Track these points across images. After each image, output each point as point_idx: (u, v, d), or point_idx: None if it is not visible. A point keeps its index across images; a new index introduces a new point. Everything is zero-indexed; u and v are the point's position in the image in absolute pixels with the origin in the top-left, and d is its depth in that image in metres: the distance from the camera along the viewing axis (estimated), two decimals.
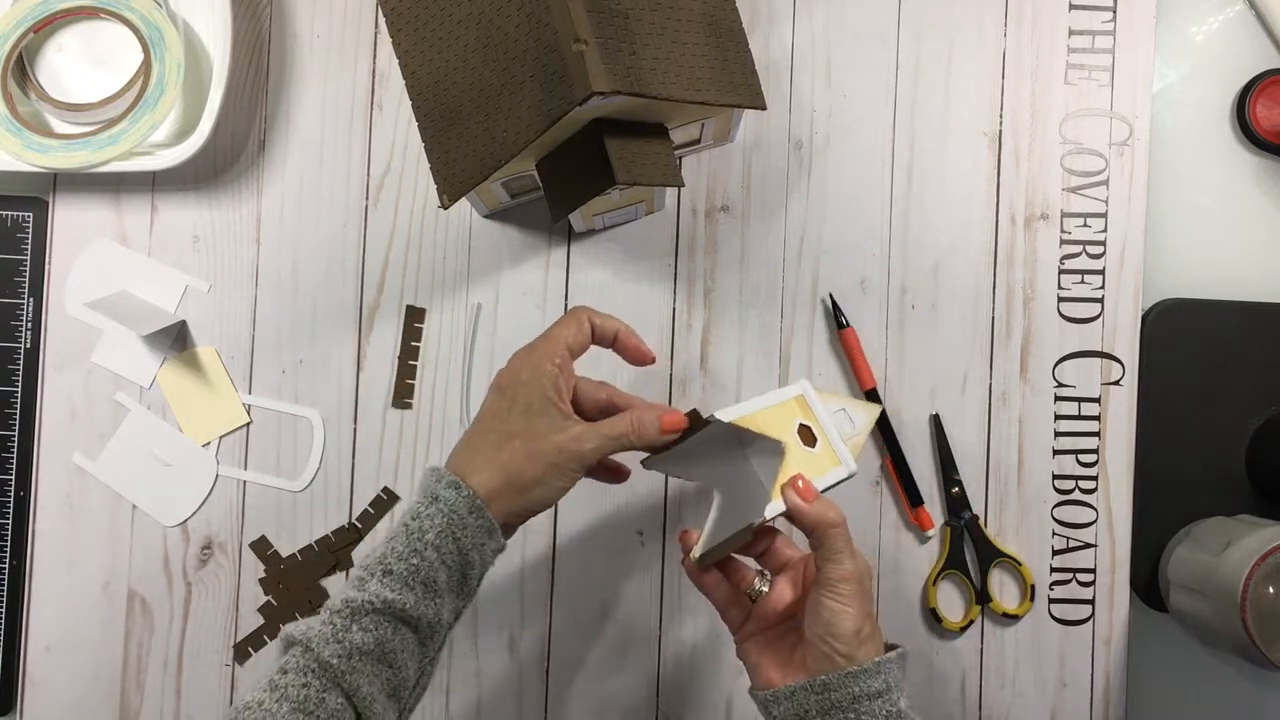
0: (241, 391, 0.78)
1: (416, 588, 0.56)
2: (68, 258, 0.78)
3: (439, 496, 0.58)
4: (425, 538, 0.57)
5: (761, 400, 0.64)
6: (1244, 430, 0.79)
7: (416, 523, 0.58)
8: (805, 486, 0.61)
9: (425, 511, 0.58)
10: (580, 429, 0.59)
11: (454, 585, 0.58)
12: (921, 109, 0.80)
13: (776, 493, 0.61)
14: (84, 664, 0.77)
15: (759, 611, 0.63)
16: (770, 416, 0.64)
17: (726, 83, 0.67)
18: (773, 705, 0.59)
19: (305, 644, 0.55)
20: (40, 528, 0.77)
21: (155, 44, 0.75)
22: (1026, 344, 0.79)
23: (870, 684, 0.57)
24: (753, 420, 0.62)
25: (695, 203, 0.80)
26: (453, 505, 0.57)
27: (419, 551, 0.57)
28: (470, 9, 0.64)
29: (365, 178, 0.79)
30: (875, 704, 0.56)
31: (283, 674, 0.55)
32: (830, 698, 0.57)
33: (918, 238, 0.79)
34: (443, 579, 0.57)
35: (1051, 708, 0.78)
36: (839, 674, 0.57)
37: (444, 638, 0.59)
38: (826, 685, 0.57)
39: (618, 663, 0.78)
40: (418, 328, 0.79)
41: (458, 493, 0.58)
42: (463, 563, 0.58)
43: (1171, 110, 0.82)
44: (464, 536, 0.57)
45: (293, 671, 0.55)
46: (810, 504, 0.60)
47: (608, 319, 0.63)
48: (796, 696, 0.58)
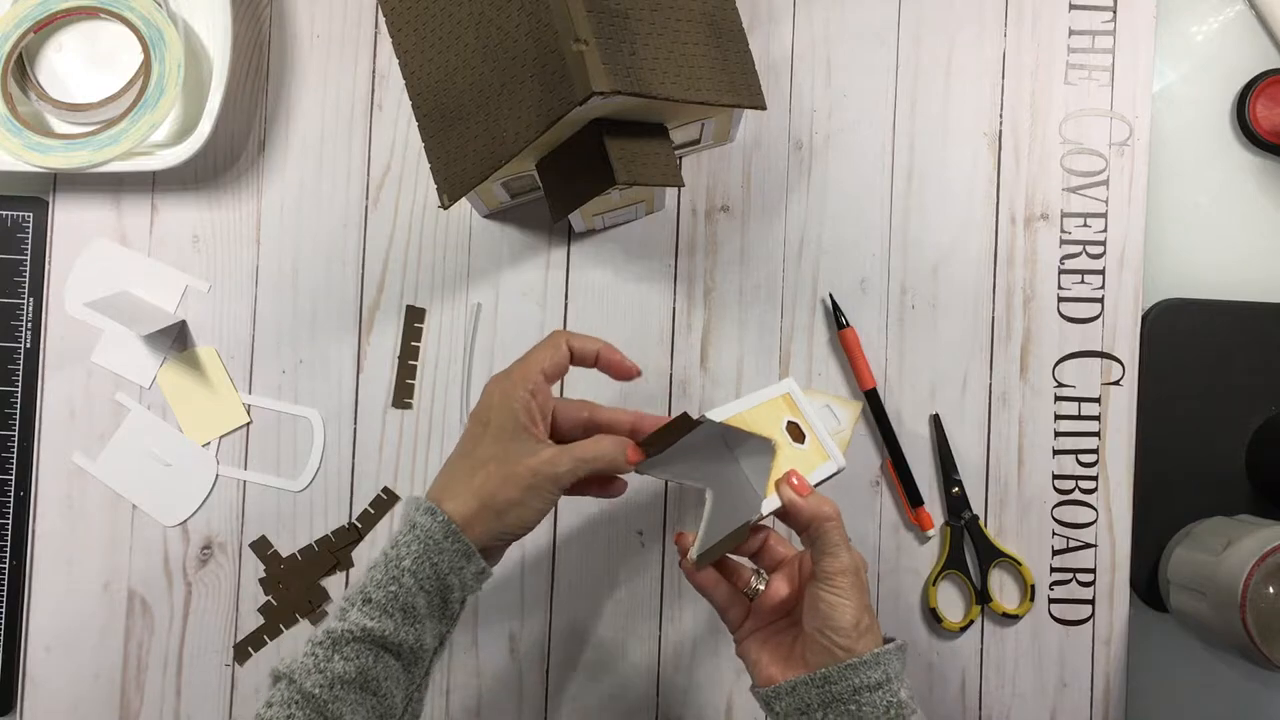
0: (241, 391, 0.78)
1: (395, 614, 0.57)
2: (68, 258, 0.78)
3: (415, 523, 0.58)
4: (402, 564, 0.57)
5: (750, 399, 0.65)
6: (1244, 430, 0.79)
7: (394, 550, 0.58)
8: (800, 482, 0.61)
9: (403, 539, 0.58)
10: (552, 452, 0.60)
11: (434, 610, 0.58)
12: (921, 109, 0.80)
13: (770, 490, 0.62)
14: (84, 664, 0.77)
15: (757, 609, 0.63)
16: (759, 415, 0.64)
17: (726, 83, 0.67)
18: (774, 701, 0.59)
19: (289, 676, 0.56)
20: (40, 528, 0.77)
21: (155, 44, 0.75)
22: (1026, 344, 0.79)
23: (870, 675, 0.57)
24: (742, 420, 0.63)
25: (695, 203, 0.80)
26: (428, 530, 0.58)
27: (396, 578, 0.57)
28: (470, 9, 0.64)
29: (365, 178, 0.79)
30: (875, 695, 0.57)
31: (268, 707, 0.56)
32: (831, 690, 0.57)
33: (918, 238, 0.79)
34: (421, 604, 0.57)
35: (1051, 708, 0.78)
36: (839, 666, 0.57)
37: (429, 664, 0.59)
38: (827, 678, 0.57)
39: (618, 663, 0.78)
40: (418, 328, 0.79)
41: (433, 518, 0.58)
42: (441, 587, 0.58)
43: (1171, 110, 0.82)
44: (440, 561, 0.58)
45: (277, 704, 0.55)
46: (805, 499, 0.60)
47: (587, 339, 0.64)
48: (798, 690, 0.58)
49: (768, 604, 0.63)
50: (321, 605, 0.77)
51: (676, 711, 0.78)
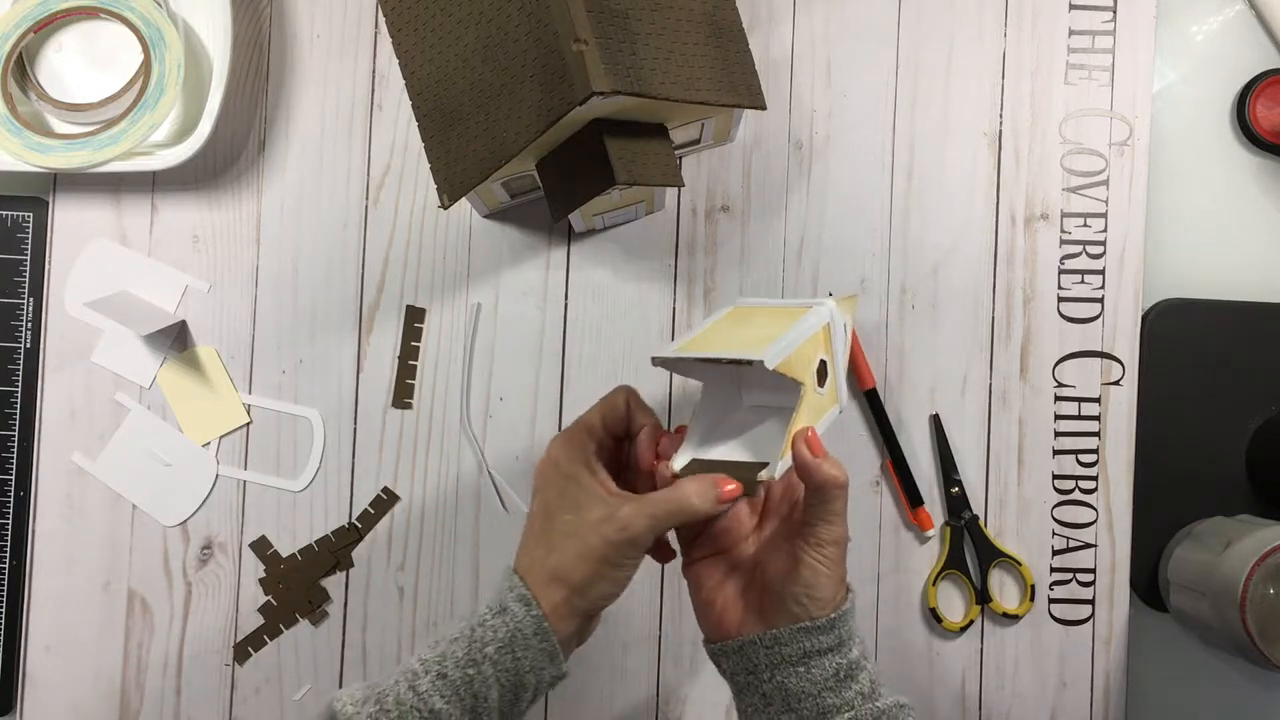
0: (241, 391, 0.78)
1: (467, 699, 0.54)
2: (68, 258, 0.78)
3: (507, 609, 0.56)
4: (485, 650, 0.55)
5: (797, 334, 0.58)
6: (1244, 430, 0.79)
7: (481, 630, 0.55)
8: (814, 438, 0.57)
9: (491, 622, 0.55)
10: (627, 510, 0.55)
11: (505, 706, 0.56)
12: (921, 109, 0.80)
13: (786, 447, 0.57)
14: (84, 664, 0.77)
15: (712, 529, 0.60)
16: (803, 354, 0.58)
17: (726, 83, 0.67)
18: (722, 659, 0.58)
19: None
20: (40, 528, 0.77)
21: (155, 44, 0.75)
22: (1026, 344, 0.79)
23: (822, 640, 0.55)
24: (789, 364, 0.57)
25: (695, 203, 0.80)
26: (519, 622, 0.55)
27: (476, 663, 0.54)
28: (470, 9, 0.64)
29: (365, 178, 0.79)
30: (826, 659, 0.55)
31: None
32: (780, 652, 0.56)
33: (918, 238, 0.79)
34: (494, 697, 0.55)
35: (1051, 708, 0.78)
36: (790, 628, 0.55)
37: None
38: (778, 639, 0.56)
39: (618, 663, 0.78)
40: (418, 328, 0.79)
41: (527, 610, 0.55)
42: (516, 684, 0.55)
43: (1171, 110, 0.82)
44: (524, 658, 0.55)
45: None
46: (820, 460, 0.56)
47: (644, 409, 0.60)
48: (745, 651, 0.57)
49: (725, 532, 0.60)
50: (321, 605, 0.77)
51: (676, 711, 0.78)
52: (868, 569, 0.78)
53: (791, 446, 0.57)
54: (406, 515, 0.78)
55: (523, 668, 0.55)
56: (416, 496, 0.78)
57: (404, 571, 0.78)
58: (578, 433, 0.59)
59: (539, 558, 0.57)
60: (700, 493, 0.55)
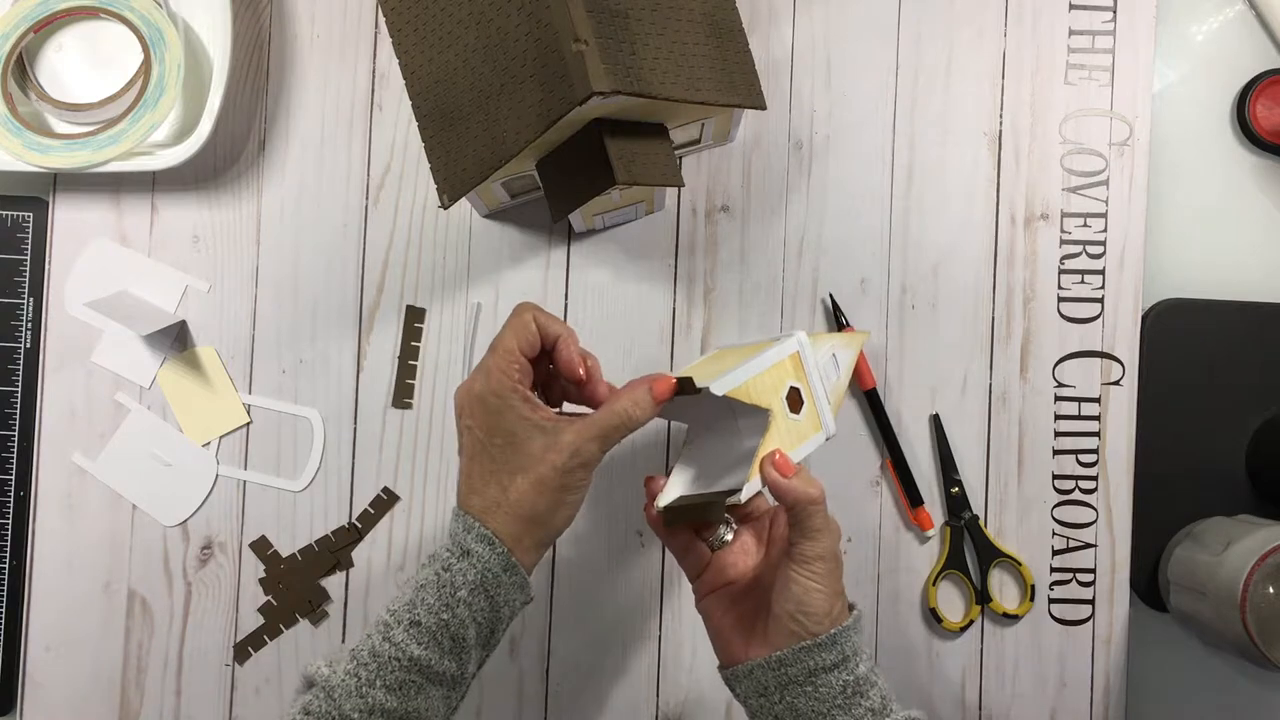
0: (241, 391, 0.78)
1: (444, 641, 0.55)
2: (68, 258, 0.78)
3: (471, 551, 0.56)
4: (458, 594, 0.55)
5: (755, 364, 0.60)
6: (1244, 430, 0.79)
7: (448, 574, 0.56)
8: (782, 460, 0.58)
9: (458, 565, 0.56)
10: (572, 436, 0.56)
11: (482, 639, 0.57)
12: (921, 109, 0.80)
13: (755, 471, 0.59)
14: (84, 664, 0.77)
15: (719, 563, 0.61)
16: (764, 382, 0.60)
17: (726, 83, 0.67)
18: (734, 683, 0.59)
19: (327, 691, 0.55)
20: (40, 528, 0.77)
21: (155, 44, 0.75)
22: (1026, 344, 0.79)
23: (825, 657, 0.56)
24: (745, 391, 0.59)
25: (695, 203, 0.80)
26: (486, 562, 0.56)
27: (450, 606, 0.55)
28: (470, 9, 0.64)
29: (365, 178, 0.79)
30: (831, 676, 0.56)
31: (304, 714, 0.54)
32: (787, 673, 0.56)
33: (918, 238, 0.79)
34: (472, 634, 0.56)
35: (1051, 708, 0.78)
36: (793, 649, 0.56)
37: (468, 687, 0.58)
38: (783, 661, 0.57)
39: (618, 663, 0.78)
40: (418, 328, 0.79)
41: (491, 549, 0.56)
42: (493, 618, 0.57)
43: (1171, 110, 0.82)
44: (497, 594, 0.56)
45: (315, 716, 0.54)
46: (789, 479, 0.58)
47: (553, 319, 0.60)
48: (755, 674, 0.58)
49: (732, 565, 0.61)
50: (321, 605, 0.77)
51: (676, 711, 0.78)
52: (868, 569, 0.78)
53: (760, 469, 0.58)
54: (406, 515, 0.78)
55: (497, 603, 0.57)
56: (416, 496, 0.78)
57: (404, 571, 0.78)
58: (498, 362, 0.58)
59: (495, 497, 0.57)
60: (637, 401, 0.57)
